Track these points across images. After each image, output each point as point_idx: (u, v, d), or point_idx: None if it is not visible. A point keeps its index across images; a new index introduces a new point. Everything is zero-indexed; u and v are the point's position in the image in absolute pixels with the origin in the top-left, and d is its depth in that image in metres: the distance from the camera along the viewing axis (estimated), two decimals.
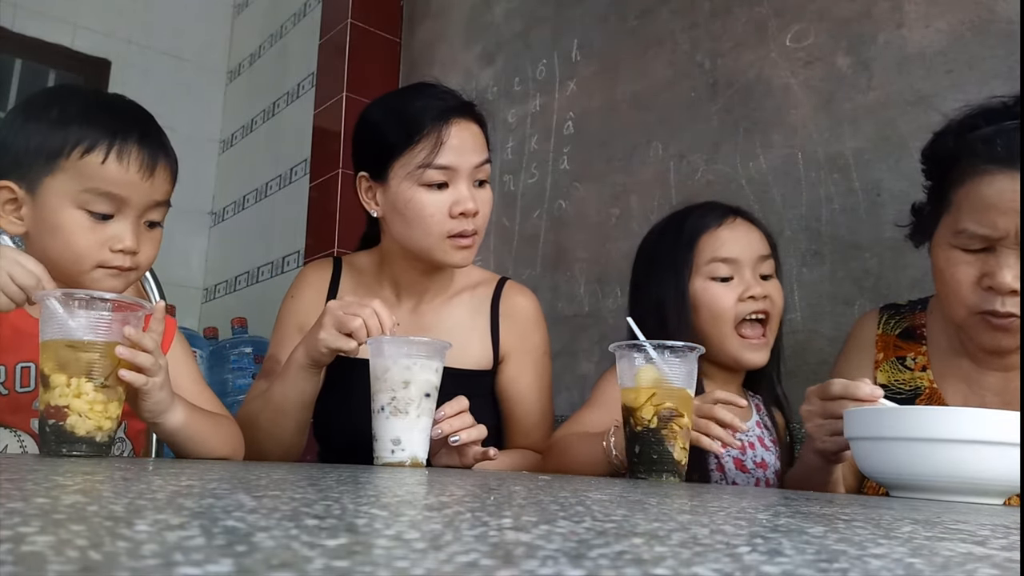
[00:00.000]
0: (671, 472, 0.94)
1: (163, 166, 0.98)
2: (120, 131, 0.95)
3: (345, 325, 0.99)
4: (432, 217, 1.15)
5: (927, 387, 1.09)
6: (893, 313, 1.18)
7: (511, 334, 1.27)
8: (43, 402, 0.79)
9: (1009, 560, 0.30)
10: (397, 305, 1.28)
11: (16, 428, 0.96)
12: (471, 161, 1.16)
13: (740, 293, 1.17)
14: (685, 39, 1.85)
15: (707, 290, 1.17)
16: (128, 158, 0.94)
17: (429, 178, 1.14)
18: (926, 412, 0.86)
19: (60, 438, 0.78)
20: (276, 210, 3.05)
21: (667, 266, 1.21)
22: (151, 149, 0.97)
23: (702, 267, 1.18)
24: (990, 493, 0.78)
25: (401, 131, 1.16)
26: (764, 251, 1.20)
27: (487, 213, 1.20)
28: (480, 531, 0.30)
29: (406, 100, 1.21)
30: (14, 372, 0.97)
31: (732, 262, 1.17)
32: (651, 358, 0.95)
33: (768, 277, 1.21)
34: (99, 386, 0.80)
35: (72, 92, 1.02)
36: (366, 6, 2.75)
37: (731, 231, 1.20)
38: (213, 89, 3.54)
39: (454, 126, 1.15)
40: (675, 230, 1.23)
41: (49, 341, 0.80)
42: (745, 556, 0.27)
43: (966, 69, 1.36)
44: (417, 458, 0.95)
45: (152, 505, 0.34)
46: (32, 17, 3.06)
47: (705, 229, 1.19)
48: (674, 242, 1.22)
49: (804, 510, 0.49)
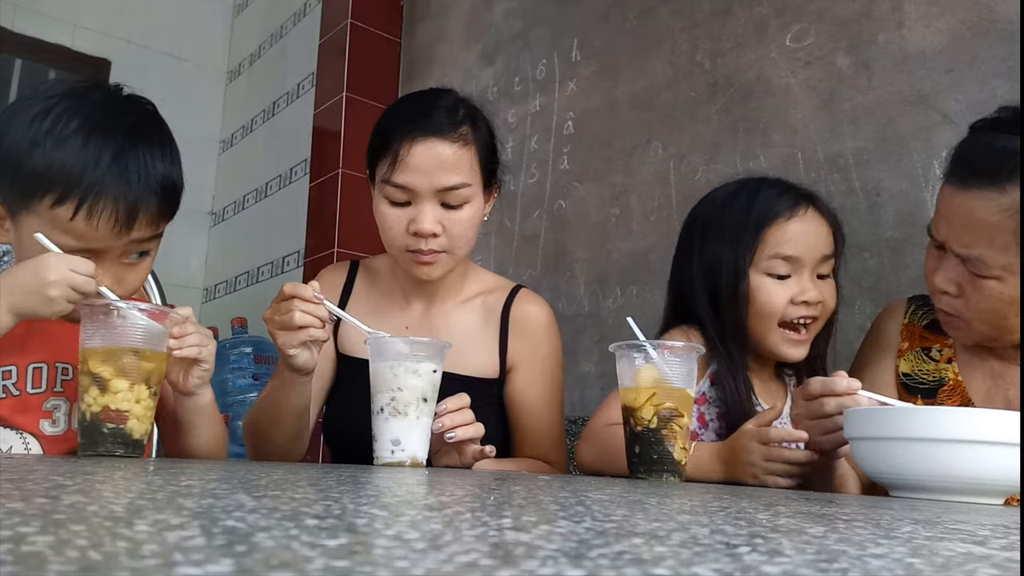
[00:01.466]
0: (671, 472, 0.94)
1: (147, 208, 0.90)
2: (95, 176, 0.86)
3: (288, 324, 0.98)
4: (391, 230, 1.15)
5: (951, 379, 1.10)
6: (921, 304, 1.17)
7: (520, 344, 1.25)
8: (99, 404, 0.83)
9: (1009, 560, 0.30)
10: (408, 308, 1.27)
11: (23, 429, 0.95)
12: (434, 183, 1.12)
13: (794, 295, 1.11)
14: (685, 39, 1.85)
15: (761, 285, 1.12)
16: (99, 216, 0.86)
17: (388, 193, 1.14)
18: (926, 412, 0.86)
19: (117, 440, 0.83)
20: (276, 210, 3.05)
21: (728, 242, 1.14)
22: (129, 198, 0.88)
23: (762, 260, 1.12)
24: (990, 493, 0.78)
25: (376, 140, 1.17)
26: (828, 250, 1.14)
27: (460, 233, 1.15)
28: (480, 531, 0.30)
29: (400, 109, 1.20)
30: (26, 373, 0.96)
31: (793, 261, 1.11)
32: (651, 358, 0.95)
33: (825, 276, 1.15)
34: (151, 394, 0.86)
35: (72, 97, 0.91)
36: (366, 6, 2.76)
37: (801, 225, 1.12)
38: (213, 89, 3.54)
39: (419, 145, 1.11)
40: (744, 206, 1.15)
41: (111, 347, 0.84)
42: (745, 556, 0.27)
43: (966, 69, 1.36)
44: (417, 458, 0.95)
45: (152, 505, 0.34)
46: (32, 17, 3.07)
47: (776, 217, 1.12)
48: (742, 219, 1.14)
49: (804, 510, 0.49)
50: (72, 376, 0.98)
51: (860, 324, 1.42)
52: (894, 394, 1.12)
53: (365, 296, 1.29)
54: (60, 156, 0.86)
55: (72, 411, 0.97)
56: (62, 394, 0.97)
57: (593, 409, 1.90)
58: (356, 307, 1.28)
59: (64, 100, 0.90)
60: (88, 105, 0.90)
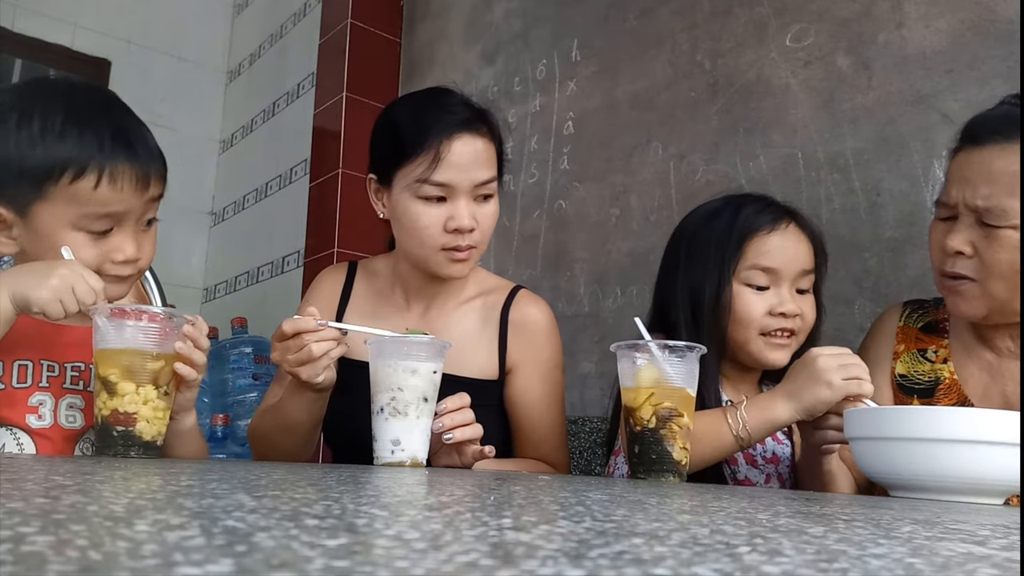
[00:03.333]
0: (671, 472, 0.94)
1: (155, 171, 0.97)
2: (107, 149, 0.92)
3: (308, 359, 0.99)
4: (427, 230, 1.14)
5: (947, 378, 1.13)
6: (916, 308, 1.20)
7: (520, 346, 1.25)
8: (108, 408, 0.85)
9: (1009, 560, 0.30)
10: (407, 310, 1.27)
11: (12, 425, 0.96)
12: (472, 178, 1.14)
13: (772, 306, 1.14)
14: (685, 39, 1.85)
15: (740, 295, 1.15)
16: (121, 179, 0.92)
17: (426, 192, 1.13)
18: (926, 412, 0.86)
19: (128, 442, 0.85)
20: (276, 210, 3.05)
21: (712, 256, 1.17)
22: (140, 161, 0.94)
23: (743, 270, 1.15)
24: (990, 493, 0.78)
25: (405, 142, 1.15)
26: (807, 265, 1.16)
27: (489, 227, 1.18)
28: (480, 531, 0.30)
29: (419, 108, 1.19)
30: (11, 368, 0.97)
31: (772, 272, 1.14)
32: (652, 357, 0.95)
33: (805, 292, 1.18)
34: (162, 394, 0.88)
35: (41, 95, 0.96)
36: (366, 6, 2.75)
37: (781, 238, 1.15)
38: (213, 89, 3.54)
39: (456, 142, 1.13)
40: (728, 220, 1.19)
41: (116, 350, 0.85)
42: (745, 556, 0.27)
43: (966, 69, 1.36)
44: (417, 458, 0.95)
45: (152, 505, 0.34)
46: (32, 17, 3.06)
47: (758, 229, 1.15)
48: (726, 231, 1.17)
49: (804, 510, 0.49)
50: (58, 372, 1.00)
51: (860, 324, 1.42)
52: (889, 402, 1.15)
53: (364, 298, 1.29)
54: (65, 146, 0.91)
55: (57, 407, 0.99)
56: (47, 389, 0.99)
57: (593, 409, 1.91)
58: (355, 309, 1.28)
59: (33, 101, 0.94)
60: (60, 99, 0.95)
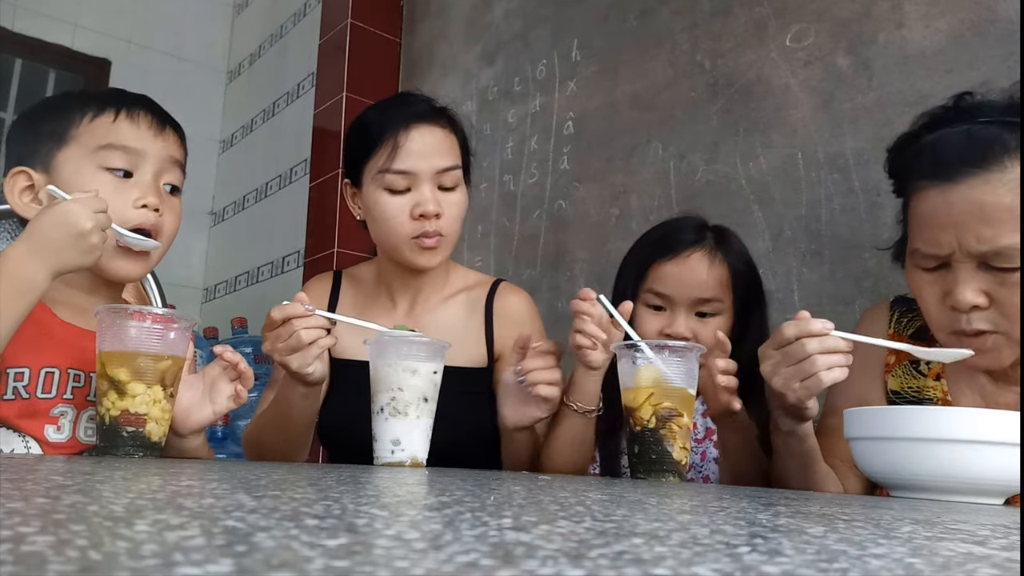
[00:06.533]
0: (671, 472, 0.94)
1: (172, 129, 1.04)
2: (127, 97, 1.02)
3: (298, 345, 0.98)
4: (395, 219, 1.19)
5: (939, 399, 1.04)
6: (905, 310, 1.10)
7: (506, 332, 1.28)
8: (118, 408, 0.86)
9: (1009, 560, 0.30)
10: (393, 308, 1.31)
11: (27, 433, 0.94)
12: (432, 165, 1.18)
13: (663, 327, 1.18)
14: (685, 39, 1.85)
15: (638, 313, 1.19)
16: (138, 118, 1.00)
17: (390, 182, 1.18)
18: (926, 412, 0.86)
19: (137, 443, 0.86)
20: (276, 210, 3.05)
21: (627, 276, 1.24)
22: (158, 112, 1.03)
23: (641, 292, 1.21)
24: (990, 493, 0.78)
25: (368, 137, 1.21)
26: (706, 294, 1.17)
27: (455, 216, 1.21)
28: (480, 531, 0.30)
29: (382, 107, 1.26)
30: (37, 376, 0.94)
31: (664, 298, 1.18)
32: (648, 358, 0.95)
33: (706, 315, 1.18)
34: (168, 395, 0.89)
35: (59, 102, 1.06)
36: (366, 6, 2.76)
37: (677, 267, 1.18)
38: (213, 89, 3.54)
39: (414, 131, 1.18)
40: (643, 242, 1.26)
41: (127, 352, 0.86)
42: (745, 556, 0.27)
43: (966, 69, 1.36)
44: (417, 458, 0.95)
45: (152, 505, 0.34)
46: (32, 17, 3.07)
47: (658, 258, 1.20)
48: (637, 255, 1.25)
49: (804, 510, 0.49)
50: (84, 383, 0.98)
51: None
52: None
53: (351, 302, 1.33)
54: (86, 96, 1.01)
55: (78, 419, 0.97)
56: (71, 401, 0.96)
57: None
58: (343, 313, 1.31)
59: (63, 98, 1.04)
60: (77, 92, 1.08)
